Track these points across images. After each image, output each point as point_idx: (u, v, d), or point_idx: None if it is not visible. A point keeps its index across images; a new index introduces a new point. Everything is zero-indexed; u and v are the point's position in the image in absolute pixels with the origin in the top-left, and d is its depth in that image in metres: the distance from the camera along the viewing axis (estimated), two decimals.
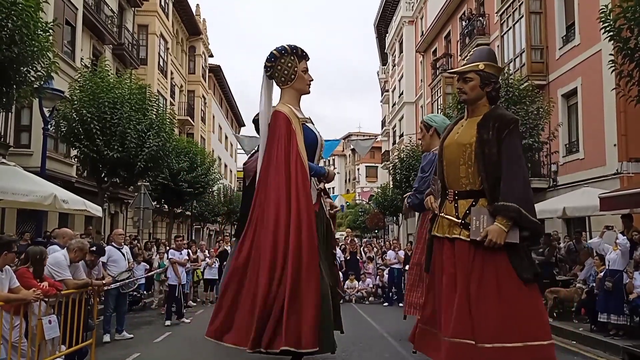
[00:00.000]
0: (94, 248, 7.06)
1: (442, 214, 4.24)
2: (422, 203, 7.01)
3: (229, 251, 15.36)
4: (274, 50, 4.70)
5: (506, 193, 3.88)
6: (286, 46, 4.70)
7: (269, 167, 4.69)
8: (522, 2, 17.74)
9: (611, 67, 9.11)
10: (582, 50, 15.13)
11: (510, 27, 18.58)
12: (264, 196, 4.74)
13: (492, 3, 21.62)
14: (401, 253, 14.43)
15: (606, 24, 8.62)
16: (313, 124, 4.93)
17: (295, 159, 4.59)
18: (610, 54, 9.32)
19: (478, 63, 4.17)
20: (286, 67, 4.75)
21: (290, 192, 4.59)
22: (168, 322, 10.21)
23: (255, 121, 7.16)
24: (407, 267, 13.07)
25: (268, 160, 4.74)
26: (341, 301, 6.78)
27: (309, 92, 4.93)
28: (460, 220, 4.06)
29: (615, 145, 13.49)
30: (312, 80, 4.88)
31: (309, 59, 4.87)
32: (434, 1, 30.21)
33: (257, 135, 7.33)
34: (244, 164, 6.63)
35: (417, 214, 7.38)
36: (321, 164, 5.19)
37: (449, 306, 3.96)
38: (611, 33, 8.64)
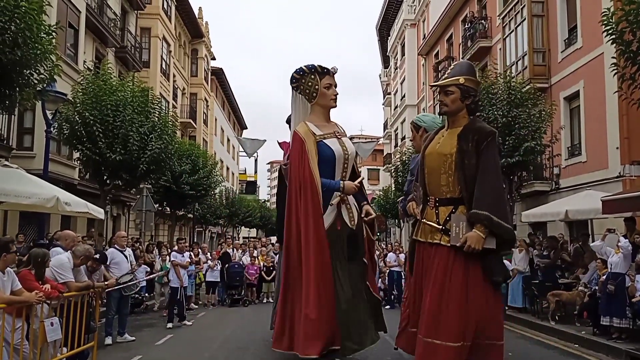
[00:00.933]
0: (97, 255, 7.09)
1: (424, 220, 4.51)
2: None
3: (231, 253, 15.40)
4: (294, 72, 5.01)
5: (478, 201, 4.17)
6: (304, 67, 4.98)
7: (290, 186, 5.11)
8: (525, 5, 17.74)
9: (613, 70, 9.10)
10: (584, 53, 15.12)
11: (513, 30, 18.59)
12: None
13: (495, 6, 21.63)
14: (402, 256, 14.40)
15: (608, 27, 8.60)
16: (338, 137, 5.14)
17: (304, 179, 4.86)
18: (613, 57, 9.31)
19: (459, 77, 4.42)
20: (307, 86, 5.08)
21: (297, 216, 5.00)
22: (170, 325, 10.20)
23: (288, 121, 7.29)
24: None
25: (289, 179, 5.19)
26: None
27: (334, 106, 5.17)
28: (441, 227, 4.34)
29: (617, 148, 13.47)
30: (337, 94, 5.12)
31: (333, 73, 5.11)
32: (436, 4, 30.23)
33: (260, 139, 7.40)
34: (283, 165, 6.65)
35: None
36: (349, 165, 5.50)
37: (425, 307, 4.32)
38: (613, 36, 8.63)
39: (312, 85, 4.97)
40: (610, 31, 8.62)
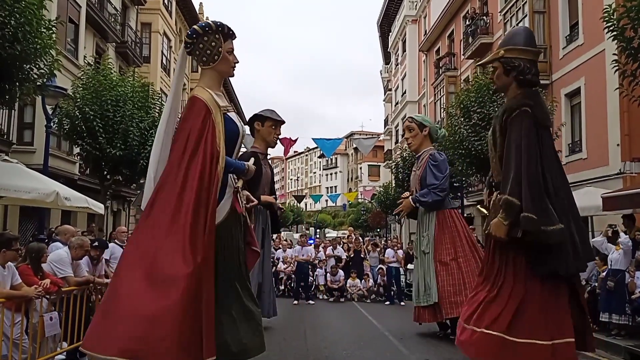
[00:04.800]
0: (96, 243, 7.08)
1: (479, 207, 4.35)
2: (444, 200, 7.06)
3: None
4: (196, 26, 4.10)
5: (502, 184, 3.86)
6: (211, 23, 4.10)
7: (173, 165, 3.82)
8: (526, 2, 17.69)
9: (615, 66, 9.08)
10: (585, 50, 15.09)
11: (514, 27, 18.54)
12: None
13: (496, 2, 21.57)
14: (400, 252, 14.43)
15: (610, 24, 8.58)
16: (235, 112, 4.28)
17: (204, 158, 3.77)
18: (614, 54, 9.29)
19: (500, 50, 4.10)
20: (209, 45, 4.05)
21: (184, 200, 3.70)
22: None
23: (251, 122, 7.17)
24: (410, 266, 13.10)
25: (174, 155, 3.87)
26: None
27: (232, 75, 4.32)
28: (486, 212, 4.09)
29: (618, 145, 13.47)
30: (238, 62, 4.25)
31: (235, 38, 4.24)
32: (437, 0, 30.15)
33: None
34: None
35: (429, 213, 7.30)
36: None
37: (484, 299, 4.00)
38: (615, 33, 8.60)
39: (216, 46, 4.02)
40: (611, 28, 8.60)
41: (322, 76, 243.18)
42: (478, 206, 4.35)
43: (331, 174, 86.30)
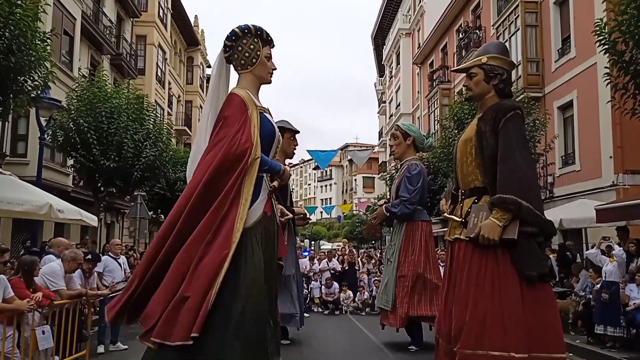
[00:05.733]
0: (89, 256, 7.04)
1: (447, 214, 4.14)
2: (413, 213, 7.10)
3: None
4: (236, 28, 4.00)
5: (502, 185, 3.63)
6: (250, 26, 4.02)
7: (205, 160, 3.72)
8: (518, 15, 17.88)
9: (606, 79, 9.17)
10: (577, 63, 15.24)
11: (507, 40, 18.70)
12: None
13: (489, 16, 21.79)
14: None
15: (601, 37, 8.68)
16: (272, 116, 4.18)
17: (241, 148, 3.66)
18: (606, 67, 9.39)
19: (482, 57, 4.02)
20: (248, 49, 3.97)
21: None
22: None
23: None
24: None
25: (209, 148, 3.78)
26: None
27: (270, 82, 4.18)
28: (461, 219, 3.91)
29: (611, 157, 13.56)
30: (275, 69, 4.15)
31: (274, 45, 4.17)
32: (431, 14, 30.42)
33: None
34: None
35: (400, 223, 7.40)
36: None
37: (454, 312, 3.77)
38: (606, 46, 8.70)
39: (254, 49, 3.96)
40: (603, 41, 8.69)
41: (317, 88, 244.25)
42: (445, 214, 4.14)
43: (326, 185, 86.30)
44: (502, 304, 3.58)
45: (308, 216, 7.45)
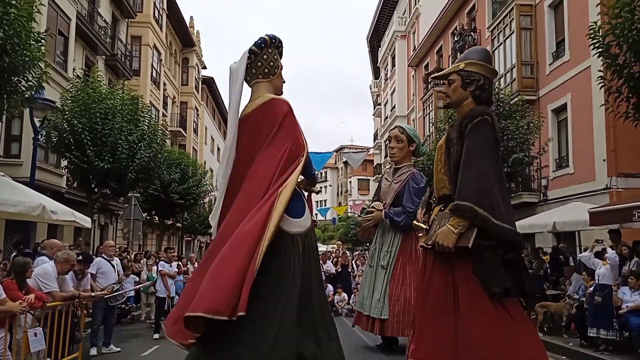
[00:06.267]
0: (80, 257, 7.01)
1: (415, 222, 4.12)
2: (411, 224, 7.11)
3: None
4: (266, 36, 4.01)
5: (460, 191, 3.53)
6: (276, 36, 4.07)
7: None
8: (513, 18, 17.95)
9: (600, 83, 9.21)
10: (571, 66, 15.31)
11: (501, 43, 18.78)
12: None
13: (484, 19, 21.86)
14: None
15: (595, 41, 8.72)
16: None
17: (300, 148, 3.75)
18: (600, 70, 9.42)
19: (460, 63, 3.96)
20: (272, 58, 4.02)
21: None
22: (156, 336, 10.07)
23: None
24: None
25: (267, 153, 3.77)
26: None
27: (281, 94, 4.20)
28: (426, 227, 3.88)
29: (604, 160, 13.62)
30: (285, 82, 4.24)
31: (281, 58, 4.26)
32: (426, 16, 30.51)
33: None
34: None
35: (394, 231, 7.44)
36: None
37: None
38: (600, 49, 8.74)
39: (277, 60, 4.01)
40: (597, 45, 8.74)
41: (313, 88, 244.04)
42: (414, 222, 4.10)
43: (321, 187, 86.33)
44: (457, 321, 3.47)
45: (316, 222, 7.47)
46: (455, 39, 24.53)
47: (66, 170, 15.65)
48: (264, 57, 3.97)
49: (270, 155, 3.71)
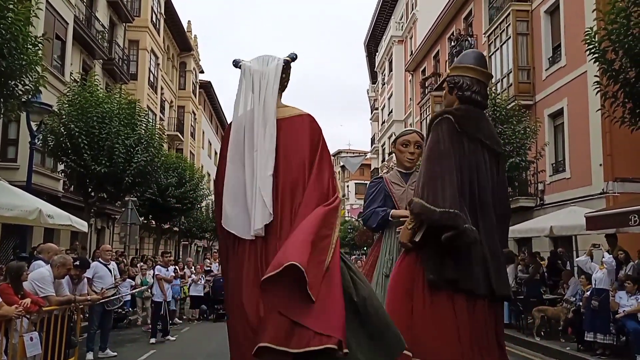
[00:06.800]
0: (77, 262, 6.98)
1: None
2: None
3: (216, 268, 15.21)
4: (294, 53, 4.02)
5: (415, 190, 3.73)
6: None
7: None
8: (510, 24, 18.02)
9: (596, 88, 9.25)
10: (568, 72, 15.36)
11: (498, 48, 18.85)
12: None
13: (480, 24, 21.95)
14: None
15: (591, 46, 8.76)
16: None
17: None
18: (596, 76, 9.47)
19: (449, 71, 4.09)
20: (289, 76, 4.03)
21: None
22: (153, 340, 10.06)
23: None
24: None
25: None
26: None
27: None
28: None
29: (601, 165, 13.65)
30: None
31: None
32: (423, 21, 30.61)
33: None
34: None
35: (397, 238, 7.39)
36: None
37: None
38: (596, 55, 8.79)
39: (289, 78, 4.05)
40: (593, 50, 8.78)
41: (310, 93, 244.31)
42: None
43: None
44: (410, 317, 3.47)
45: None
46: (452, 44, 24.60)
47: (63, 174, 15.62)
48: (288, 72, 3.98)
49: (321, 185, 3.55)
